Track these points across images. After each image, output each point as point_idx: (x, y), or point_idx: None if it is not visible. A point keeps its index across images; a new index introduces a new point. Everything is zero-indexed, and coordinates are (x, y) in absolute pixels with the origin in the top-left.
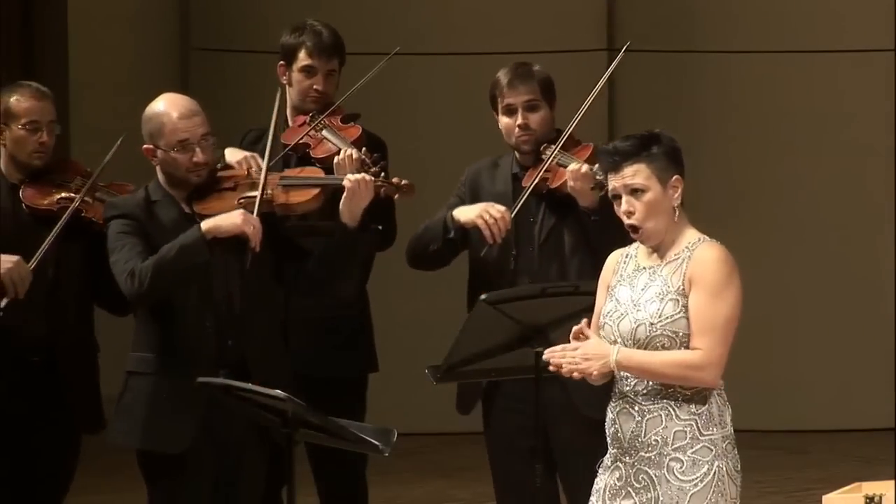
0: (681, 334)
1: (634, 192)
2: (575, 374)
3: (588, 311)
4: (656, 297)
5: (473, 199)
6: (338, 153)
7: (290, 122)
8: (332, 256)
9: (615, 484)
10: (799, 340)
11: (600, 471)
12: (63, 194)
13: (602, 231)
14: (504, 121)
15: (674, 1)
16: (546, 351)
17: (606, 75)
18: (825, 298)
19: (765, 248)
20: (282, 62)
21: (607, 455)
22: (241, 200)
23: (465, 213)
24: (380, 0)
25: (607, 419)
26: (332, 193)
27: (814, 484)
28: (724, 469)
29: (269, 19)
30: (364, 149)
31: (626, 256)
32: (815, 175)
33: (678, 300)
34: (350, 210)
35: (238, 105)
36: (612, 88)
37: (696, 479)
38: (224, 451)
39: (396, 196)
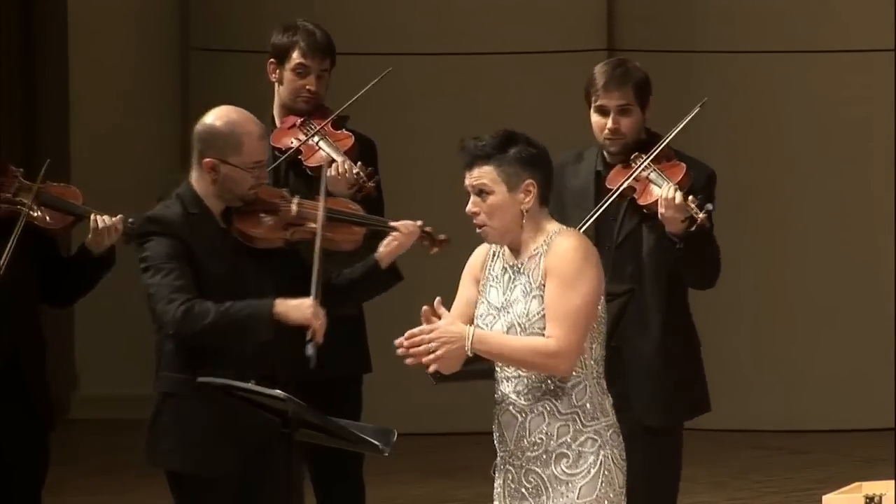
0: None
1: (480, 192)
2: (433, 366)
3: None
4: (522, 297)
5: (556, 194)
6: (330, 163)
7: (277, 122)
8: (355, 290)
9: (510, 486)
10: (799, 340)
11: (495, 475)
12: (4, 196)
13: (685, 259)
14: (595, 118)
15: (674, 1)
16: (399, 341)
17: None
18: (825, 298)
19: (766, 248)
20: (272, 61)
21: (497, 458)
22: (289, 227)
23: None
24: (378, 0)
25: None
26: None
27: (814, 484)
28: (611, 458)
29: (269, 19)
30: (360, 162)
31: (494, 255)
32: (817, 175)
33: (541, 296)
34: (390, 254)
35: (238, 105)
36: None
37: (584, 470)
38: (253, 471)
39: (435, 251)
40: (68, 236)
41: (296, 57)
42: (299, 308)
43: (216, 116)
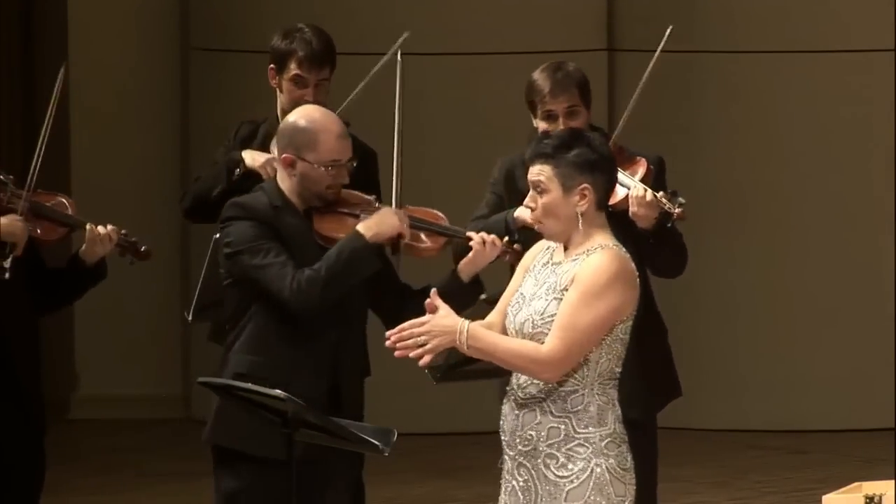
0: None
1: (538, 188)
2: (424, 359)
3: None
4: (545, 295)
5: (510, 192)
6: None
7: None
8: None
9: (506, 477)
10: (799, 340)
11: (501, 466)
12: None
13: (657, 252)
14: (543, 126)
15: (675, 1)
16: (389, 333)
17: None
18: (825, 298)
19: (766, 248)
20: (272, 66)
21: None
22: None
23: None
24: (378, 0)
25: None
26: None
27: (814, 484)
28: (605, 467)
29: (269, 19)
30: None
31: (548, 249)
32: (817, 175)
33: (560, 300)
34: (472, 267)
35: (238, 105)
36: (612, 88)
37: (572, 475)
38: (312, 472)
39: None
40: (67, 244)
41: (293, 68)
42: (385, 221)
43: (299, 114)
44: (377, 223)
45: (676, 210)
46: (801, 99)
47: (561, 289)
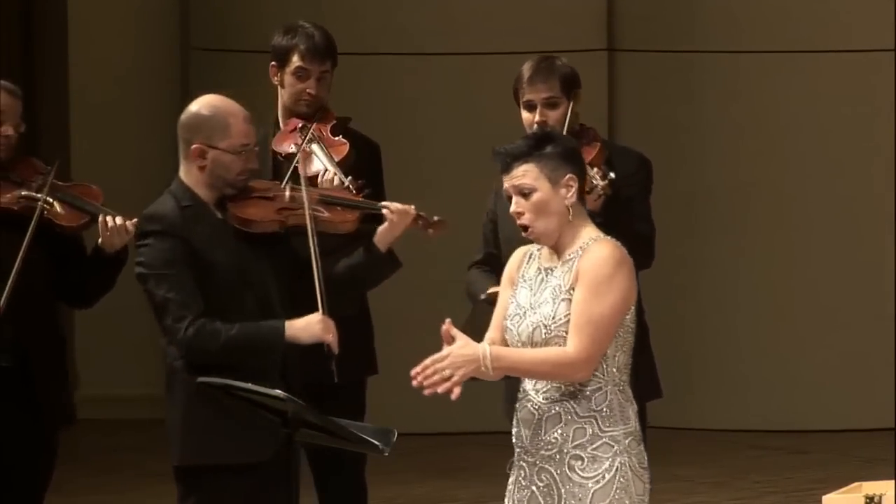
0: None
1: (523, 192)
2: (455, 391)
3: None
4: (550, 299)
5: (505, 211)
6: (323, 173)
7: (281, 125)
8: (355, 277)
9: (521, 483)
10: (799, 340)
11: (510, 472)
12: (23, 192)
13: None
14: (524, 115)
15: (675, 0)
16: (413, 372)
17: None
18: (826, 298)
19: (766, 248)
20: (273, 63)
21: (514, 454)
22: (284, 211)
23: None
24: (379, 0)
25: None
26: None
27: (814, 484)
28: (628, 465)
29: (269, 19)
30: (350, 177)
31: (530, 257)
32: (818, 175)
33: (569, 300)
34: (385, 238)
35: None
36: (613, 89)
37: (598, 475)
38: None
39: (430, 232)
40: (83, 235)
41: (295, 60)
42: (308, 329)
43: (200, 105)
44: (302, 328)
45: (600, 183)
46: (802, 99)
47: (567, 289)
